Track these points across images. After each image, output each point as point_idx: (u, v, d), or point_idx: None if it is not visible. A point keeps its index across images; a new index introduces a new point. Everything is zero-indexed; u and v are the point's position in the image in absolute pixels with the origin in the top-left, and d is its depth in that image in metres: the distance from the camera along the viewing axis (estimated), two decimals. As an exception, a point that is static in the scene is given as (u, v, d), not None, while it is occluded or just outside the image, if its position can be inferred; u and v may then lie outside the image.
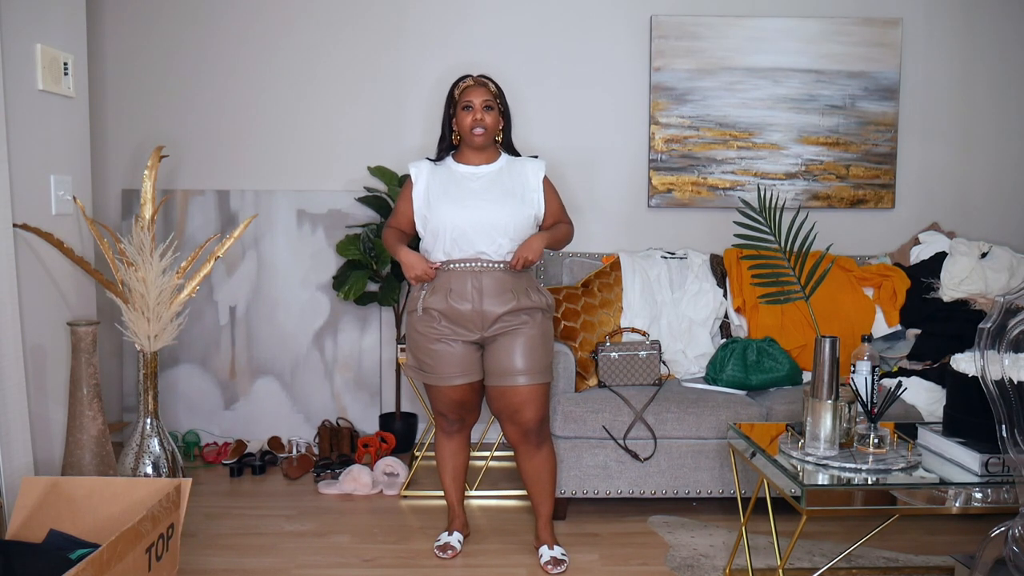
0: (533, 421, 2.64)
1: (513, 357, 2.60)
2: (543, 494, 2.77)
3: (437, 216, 2.62)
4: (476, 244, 2.59)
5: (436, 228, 2.62)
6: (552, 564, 2.67)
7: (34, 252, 2.59)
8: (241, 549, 2.84)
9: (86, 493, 2.24)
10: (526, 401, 2.62)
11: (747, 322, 3.53)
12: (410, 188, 2.72)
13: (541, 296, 2.70)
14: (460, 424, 2.81)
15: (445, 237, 2.61)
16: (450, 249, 2.61)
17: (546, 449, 2.74)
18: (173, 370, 3.87)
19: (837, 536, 2.94)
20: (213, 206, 3.88)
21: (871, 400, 2.47)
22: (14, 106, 2.49)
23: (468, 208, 2.60)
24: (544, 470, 2.75)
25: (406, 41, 3.89)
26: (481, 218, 2.59)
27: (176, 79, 3.87)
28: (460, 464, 2.88)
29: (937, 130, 3.97)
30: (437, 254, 2.64)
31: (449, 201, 2.63)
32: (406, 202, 2.72)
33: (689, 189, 3.91)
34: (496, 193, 2.64)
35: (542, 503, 2.78)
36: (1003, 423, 1.85)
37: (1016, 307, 1.84)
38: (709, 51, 3.84)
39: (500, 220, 2.60)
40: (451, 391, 2.67)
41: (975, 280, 3.48)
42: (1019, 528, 1.83)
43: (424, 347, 2.65)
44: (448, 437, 2.84)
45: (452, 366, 2.63)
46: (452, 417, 2.78)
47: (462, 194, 2.64)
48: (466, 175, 2.69)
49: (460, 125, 2.67)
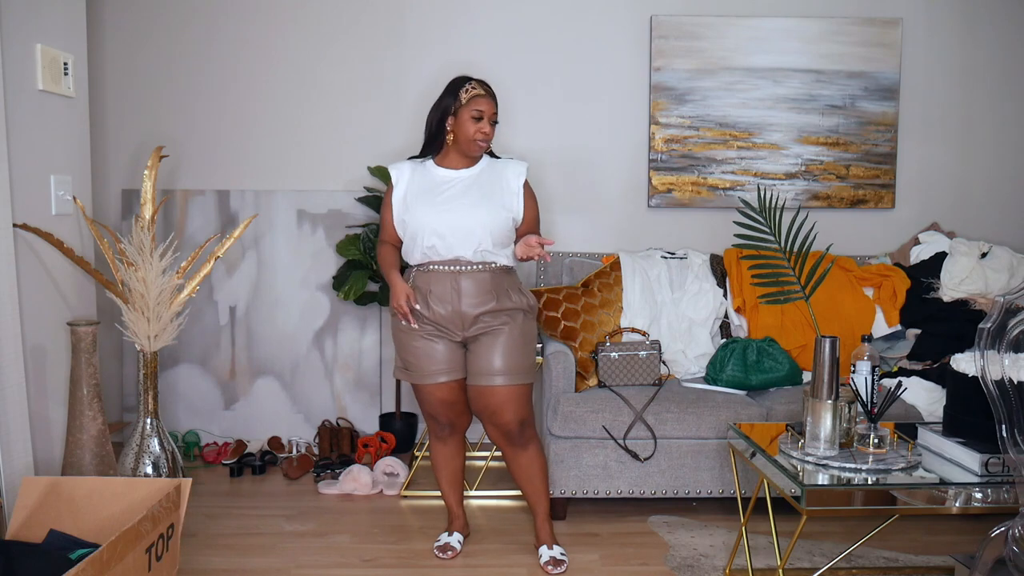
0: (512, 423, 2.64)
1: (492, 357, 2.60)
2: (536, 493, 2.77)
3: (415, 220, 2.61)
4: (454, 248, 2.59)
5: (414, 231, 2.62)
6: (552, 564, 2.67)
7: (34, 252, 2.59)
8: (241, 549, 2.84)
9: (86, 493, 2.24)
10: (504, 402, 2.61)
11: (747, 322, 3.53)
12: (390, 194, 2.71)
13: (522, 297, 2.69)
14: (451, 428, 2.78)
15: (423, 240, 2.61)
16: (428, 252, 2.62)
17: (532, 449, 2.73)
18: (173, 370, 3.87)
19: (837, 536, 2.94)
20: (213, 206, 3.88)
21: (871, 400, 2.47)
22: (14, 106, 2.49)
23: (445, 212, 2.60)
24: (532, 469, 2.73)
25: (406, 41, 3.89)
26: (458, 222, 2.59)
27: (176, 79, 3.87)
28: (456, 468, 2.87)
29: (937, 130, 3.97)
30: (417, 256, 2.65)
31: (427, 205, 2.62)
32: (388, 212, 2.72)
33: (689, 189, 3.91)
34: (474, 196, 2.63)
35: (537, 502, 2.78)
36: (1003, 423, 1.85)
37: (1016, 307, 1.84)
38: (709, 51, 3.84)
39: (477, 223, 2.59)
40: (436, 390, 2.66)
41: (975, 280, 3.48)
42: (1019, 528, 1.83)
43: (407, 345, 2.66)
44: (442, 443, 2.81)
45: (435, 363, 2.63)
46: (442, 420, 2.75)
47: (440, 198, 2.63)
48: (446, 179, 2.67)
49: (462, 130, 2.61)
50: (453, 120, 2.63)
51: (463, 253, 2.59)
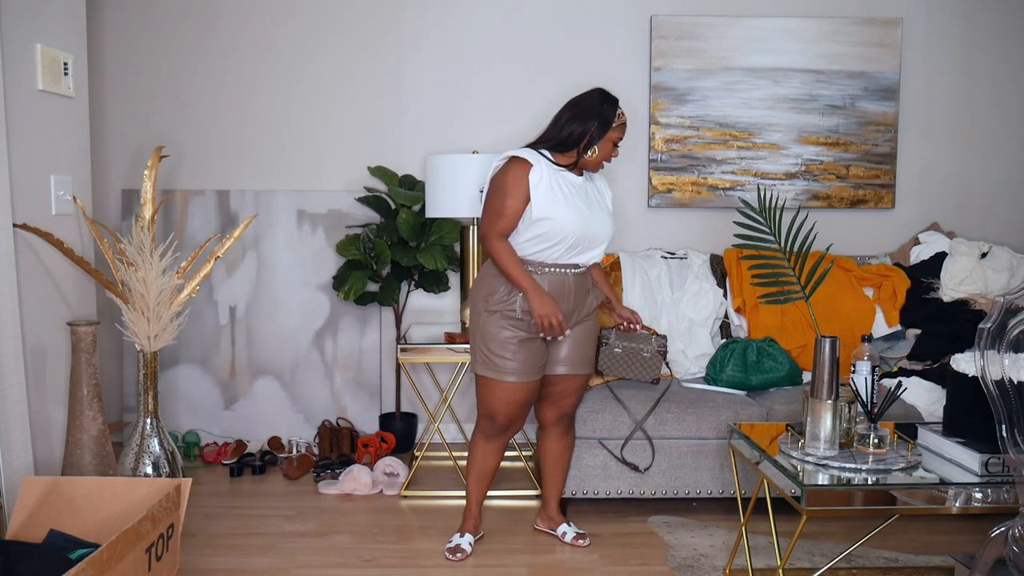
0: (573, 406, 2.87)
1: (577, 348, 2.76)
2: (558, 475, 2.94)
3: (560, 221, 2.57)
4: (583, 253, 2.67)
5: (553, 233, 2.58)
6: (579, 538, 2.87)
7: (34, 252, 2.59)
8: (241, 549, 2.84)
9: (86, 493, 2.24)
10: (577, 388, 2.82)
11: (747, 322, 3.53)
12: (525, 183, 2.57)
13: (597, 295, 2.83)
14: (507, 430, 2.76)
15: (563, 244, 2.61)
16: (560, 255, 2.63)
17: (572, 435, 2.94)
18: (173, 370, 3.87)
19: (837, 536, 2.94)
20: (213, 206, 3.88)
21: (871, 400, 2.47)
22: (14, 106, 2.49)
23: (586, 217, 2.62)
24: (567, 452, 2.93)
25: (405, 41, 3.89)
26: (596, 230, 2.65)
27: (176, 79, 3.87)
28: (490, 468, 2.84)
29: (937, 130, 3.97)
30: (541, 255, 2.63)
31: (570, 208, 2.59)
32: (519, 203, 2.58)
33: (689, 189, 3.91)
34: (595, 205, 2.69)
35: (556, 484, 2.94)
36: (1003, 423, 1.85)
37: (1016, 307, 1.84)
38: (709, 51, 3.85)
39: (605, 232, 2.70)
40: (523, 389, 2.67)
41: (975, 280, 3.48)
42: (1019, 528, 1.83)
43: (509, 345, 2.63)
44: (487, 440, 2.79)
45: (538, 360, 2.68)
46: (503, 422, 2.73)
47: (578, 202, 2.62)
48: (576, 184, 2.66)
49: (600, 152, 2.64)
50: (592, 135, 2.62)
51: (591, 259, 2.70)
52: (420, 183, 3.78)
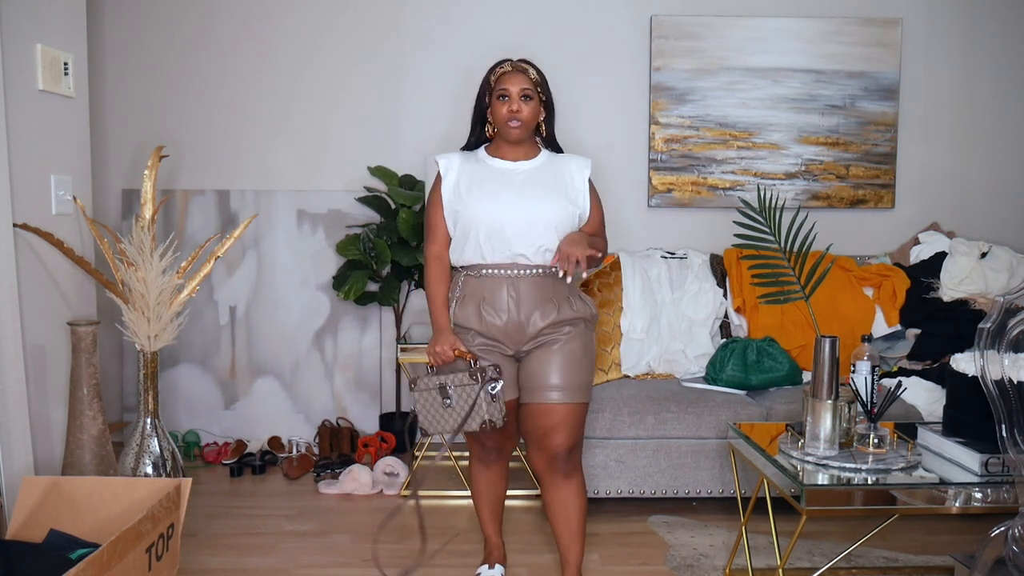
0: (562, 446, 2.31)
1: (549, 371, 2.29)
2: (571, 535, 2.38)
3: (469, 211, 2.31)
4: (513, 245, 2.29)
5: (467, 225, 2.32)
6: None
7: (34, 252, 2.59)
8: (241, 549, 2.84)
9: (86, 493, 2.24)
10: (559, 422, 2.30)
11: (747, 322, 3.54)
12: (440, 185, 2.39)
13: (584, 305, 2.39)
14: (498, 453, 2.50)
15: (478, 235, 2.30)
16: (483, 250, 2.31)
17: (575, 482, 2.38)
18: (173, 370, 3.87)
19: (837, 536, 2.94)
20: (213, 206, 3.88)
21: (871, 400, 2.47)
22: (14, 106, 2.49)
23: (504, 203, 2.30)
24: (573, 506, 2.37)
25: (406, 41, 3.89)
26: (519, 214, 2.29)
27: (176, 79, 3.87)
28: (498, 496, 2.58)
29: (937, 130, 3.97)
30: (468, 255, 2.34)
31: (483, 194, 2.32)
32: (438, 208, 2.38)
33: (689, 189, 3.91)
34: (537, 188, 2.34)
35: (570, 547, 2.38)
36: (1003, 423, 1.85)
37: (1016, 307, 1.83)
38: (709, 51, 3.84)
39: (541, 216, 2.29)
40: None
41: (975, 280, 3.48)
42: (1019, 528, 1.83)
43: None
44: (485, 467, 2.53)
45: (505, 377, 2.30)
46: (489, 444, 2.46)
47: (497, 188, 2.33)
48: (503, 169, 2.38)
49: (495, 116, 2.36)
50: (488, 108, 2.40)
51: (523, 251, 2.29)
52: (420, 183, 3.78)
